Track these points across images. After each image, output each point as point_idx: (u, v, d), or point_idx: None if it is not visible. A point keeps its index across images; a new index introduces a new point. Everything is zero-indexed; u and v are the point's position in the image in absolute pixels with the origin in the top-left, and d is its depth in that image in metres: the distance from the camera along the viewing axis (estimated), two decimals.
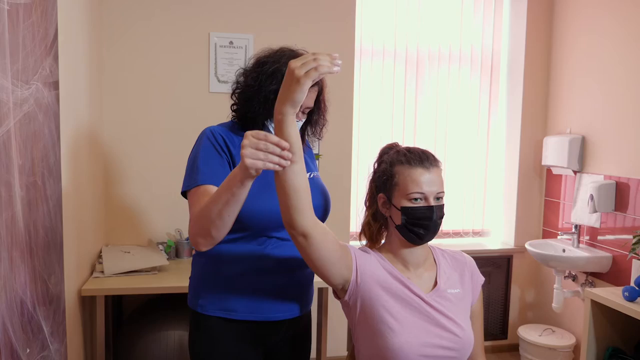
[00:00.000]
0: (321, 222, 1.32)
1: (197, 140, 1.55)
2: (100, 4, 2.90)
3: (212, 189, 1.40)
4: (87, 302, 2.50)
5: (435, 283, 1.43)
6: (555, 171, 3.56)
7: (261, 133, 1.15)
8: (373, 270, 1.39)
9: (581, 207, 3.28)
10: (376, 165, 1.49)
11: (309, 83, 1.12)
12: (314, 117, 1.61)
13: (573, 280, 3.38)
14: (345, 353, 3.48)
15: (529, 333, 3.38)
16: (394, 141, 1.52)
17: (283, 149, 1.15)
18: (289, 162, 1.17)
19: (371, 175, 1.49)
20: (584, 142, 3.30)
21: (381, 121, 3.60)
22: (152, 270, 2.62)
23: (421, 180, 1.34)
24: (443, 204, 1.39)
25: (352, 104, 3.35)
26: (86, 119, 2.54)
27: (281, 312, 1.55)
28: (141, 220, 3.07)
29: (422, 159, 1.37)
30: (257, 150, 1.14)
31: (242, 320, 1.51)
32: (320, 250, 1.29)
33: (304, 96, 1.14)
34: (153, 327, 2.55)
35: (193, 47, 3.06)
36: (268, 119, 1.51)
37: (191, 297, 1.58)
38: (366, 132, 3.57)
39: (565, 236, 3.40)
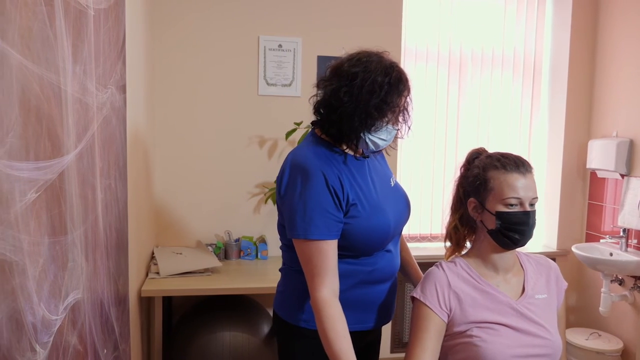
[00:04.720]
0: None
1: (301, 175, 1.43)
2: (153, 8, 2.93)
3: (328, 245, 1.39)
4: (143, 302, 2.52)
5: (523, 289, 1.42)
6: (600, 174, 3.52)
7: None
8: (457, 293, 1.38)
9: (629, 211, 3.24)
10: (463, 169, 1.49)
11: None
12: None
13: (620, 284, 3.34)
14: (389, 355, 3.48)
15: (575, 337, 3.35)
16: (479, 146, 1.52)
17: None
18: None
19: (458, 179, 1.49)
20: (631, 145, 3.26)
21: (424, 122, 3.59)
22: (206, 272, 2.64)
23: (517, 185, 1.34)
24: (535, 210, 1.39)
25: None
26: (144, 121, 2.57)
27: (378, 319, 1.57)
28: (189, 221, 3.10)
29: (518, 164, 1.37)
30: None
31: None
32: None
33: None
34: (207, 328, 2.56)
35: (242, 50, 3.08)
36: (365, 130, 1.43)
37: (289, 312, 1.54)
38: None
39: (611, 240, 3.36)
